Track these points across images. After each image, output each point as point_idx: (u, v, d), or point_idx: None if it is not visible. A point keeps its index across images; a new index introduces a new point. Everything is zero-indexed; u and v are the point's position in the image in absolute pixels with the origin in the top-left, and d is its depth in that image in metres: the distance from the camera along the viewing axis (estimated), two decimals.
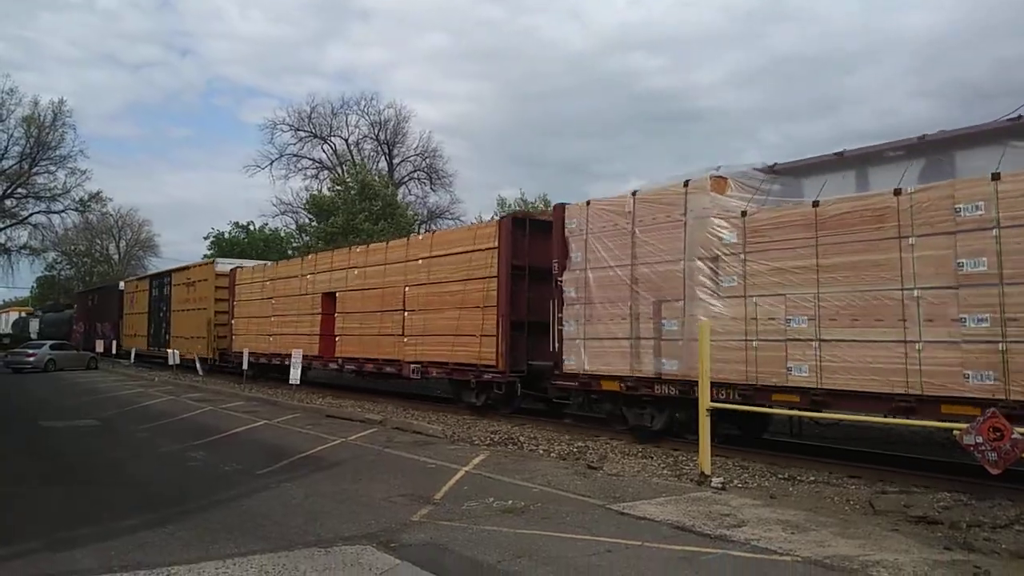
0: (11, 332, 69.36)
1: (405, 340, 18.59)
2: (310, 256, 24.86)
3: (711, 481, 9.17)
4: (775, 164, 11.93)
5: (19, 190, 50.91)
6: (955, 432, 7.42)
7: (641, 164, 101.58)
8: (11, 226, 52.76)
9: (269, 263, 28.95)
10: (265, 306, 25.75)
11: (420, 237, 21.34)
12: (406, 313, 18.66)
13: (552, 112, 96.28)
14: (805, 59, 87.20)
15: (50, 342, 37.99)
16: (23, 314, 74.39)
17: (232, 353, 27.17)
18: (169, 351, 30.08)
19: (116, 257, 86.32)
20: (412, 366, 18.04)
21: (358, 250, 21.80)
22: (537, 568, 5.92)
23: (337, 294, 21.76)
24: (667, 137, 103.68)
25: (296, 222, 52.88)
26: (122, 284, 45.02)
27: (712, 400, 9.66)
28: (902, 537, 6.84)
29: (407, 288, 18.72)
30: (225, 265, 30.93)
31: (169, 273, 36.59)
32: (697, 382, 9.94)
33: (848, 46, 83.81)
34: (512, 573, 5.80)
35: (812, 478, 9.70)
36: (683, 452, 11.61)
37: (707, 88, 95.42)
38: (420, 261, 18.53)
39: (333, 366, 21.96)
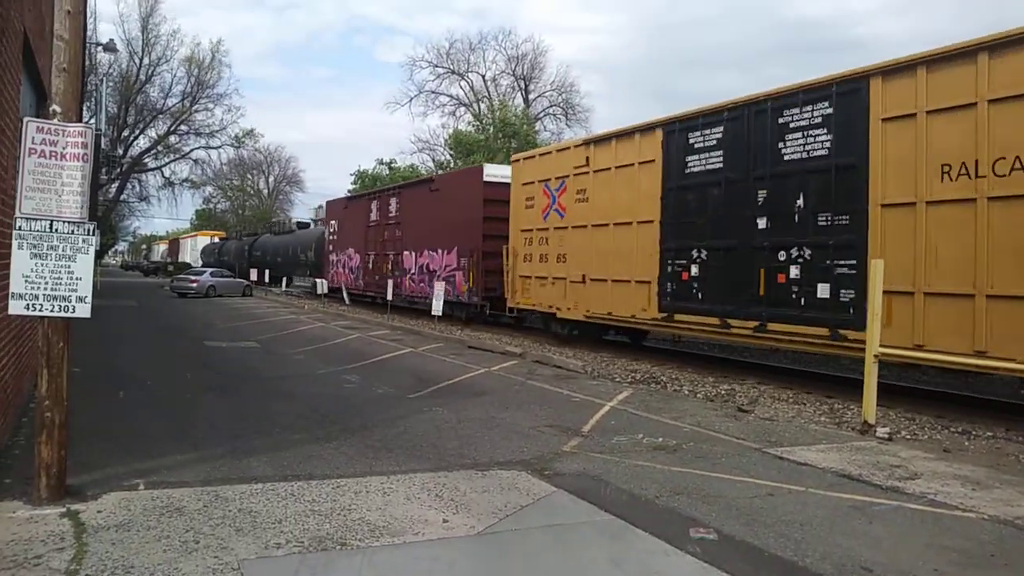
0: (187, 262, 68.06)
1: None
2: None
3: (875, 431, 8.65)
4: None
5: (181, 127, 54.39)
6: None
7: None
8: (174, 161, 56.63)
9: None
10: None
11: None
12: None
13: (691, 43, 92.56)
14: None
15: (211, 269, 40.90)
16: (215, 239, 70.69)
17: None
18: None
19: (265, 192, 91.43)
20: None
21: None
22: (697, 505, 5.78)
23: None
24: (816, 69, 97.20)
25: (433, 159, 53.88)
26: (498, 169, 21.73)
27: None
28: None
29: None
30: None
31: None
32: None
33: None
34: (672, 509, 5.69)
35: (989, 433, 8.96)
36: (839, 399, 11.04)
37: (863, 15, 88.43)
38: None
39: None
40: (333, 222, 34.81)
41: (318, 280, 31.27)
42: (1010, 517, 5.68)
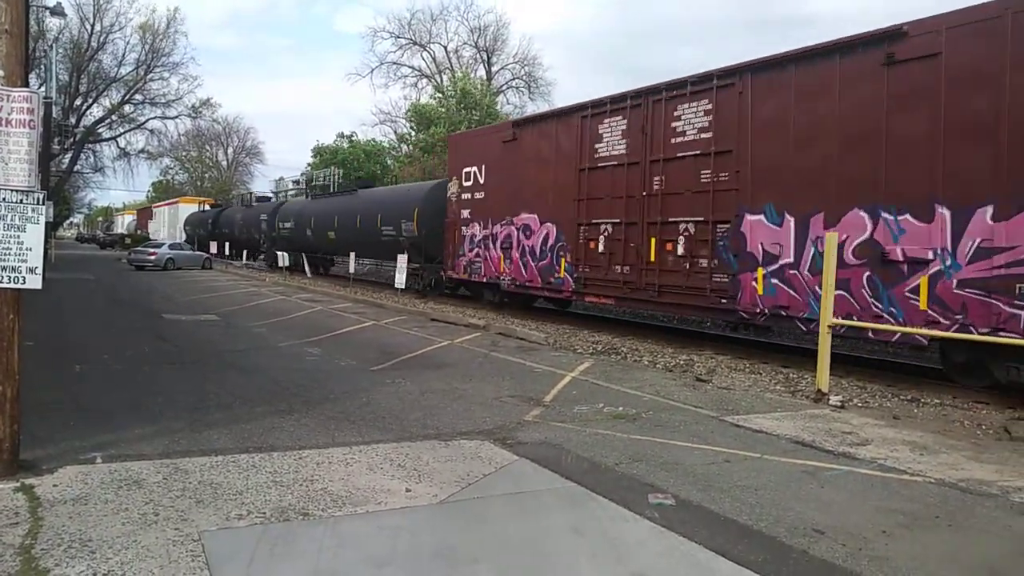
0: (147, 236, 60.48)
1: None
2: None
3: (828, 399, 8.88)
4: None
5: (136, 96, 52.89)
6: None
7: None
8: (130, 131, 55.13)
9: None
10: None
11: None
12: None
13: (655, 17, 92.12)
14: None
15: (169, 242, 40.17)
16: (205, 206, 59.01)
17: None
18: None
19: (224, 163, 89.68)
20: None
21: None
22: (656, 472, 5.89)
23: None
24: (777, 44, 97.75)
25: (395, 132, 53.31)
26: None
27: None
28: None
29: None
30: None
31: None
32: None
33: None
34: (631, 476, 5.79)
35: (937, 401, 9.26)
36: (793, 369, 11.30)
37: None
38: None
39: None
40: (472, 170, 19.89)
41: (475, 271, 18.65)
42: (954, 480, 5.90)
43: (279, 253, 31.47)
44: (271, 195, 50.83)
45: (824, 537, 4.65)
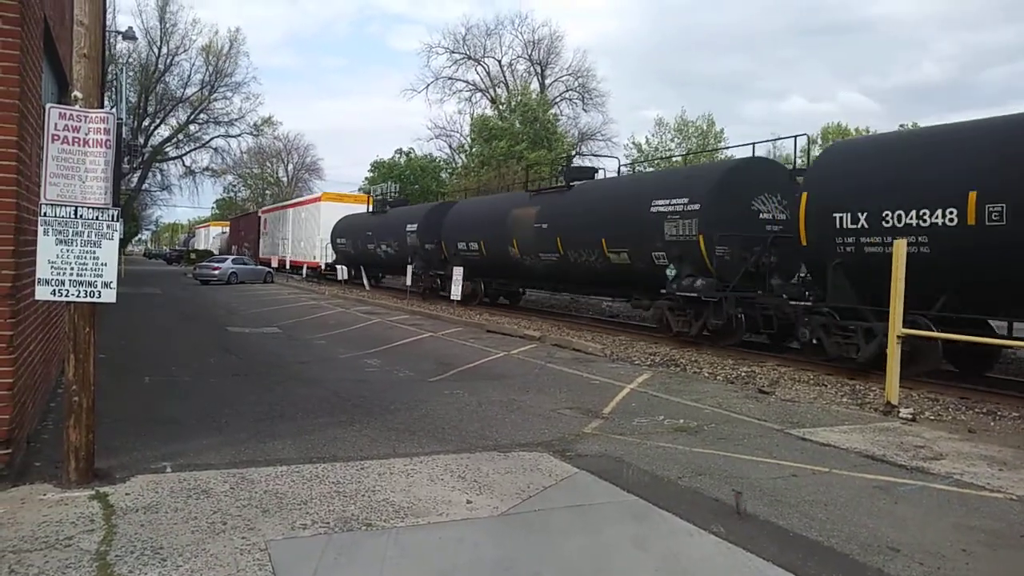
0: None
1: None
2: None
3: (899, 411, 8.58)
4: None
5: (201, 115, 54.63)
6: None
7: (799, 81, 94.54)
8: (195, 149, 56.95)
9: None
10: None
11: None
12: None
13: (700, 26, 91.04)
14: None
15: (232, 257, 41.36)
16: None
17: None
18: None
19: (285, 180, 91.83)
20: None
21: None
22: (720, 486, 5.76)
23: None
24: (829, 51, 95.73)
25: (450, 146, 53.89)
26: None
27: None
28: None
29: None
30: None
31: None
32: None
33: None
34: (695, 490, 5.68)
35: (1015, 414, 8.86)
36: (860, 381, 10.96)
37: None
38: None
39: None
40: None
41: None
42: None
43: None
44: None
45: (900, 555, 4.47)
